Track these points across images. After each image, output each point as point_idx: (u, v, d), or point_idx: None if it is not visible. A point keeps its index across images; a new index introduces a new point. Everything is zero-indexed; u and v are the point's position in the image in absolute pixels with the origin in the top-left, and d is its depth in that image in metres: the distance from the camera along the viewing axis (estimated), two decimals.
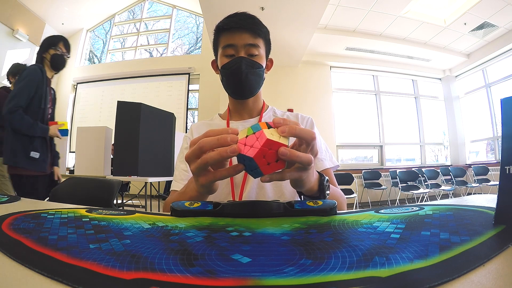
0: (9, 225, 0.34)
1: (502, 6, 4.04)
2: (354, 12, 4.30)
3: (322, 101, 5.23)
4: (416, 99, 6.00)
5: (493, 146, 5.35)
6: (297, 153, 0.35)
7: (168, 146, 3.04)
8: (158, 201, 4.26)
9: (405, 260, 0.21)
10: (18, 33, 5.64)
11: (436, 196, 4.85)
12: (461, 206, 0.41)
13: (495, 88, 5.22)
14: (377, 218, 0.36)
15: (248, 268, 0.21)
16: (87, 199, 1.13)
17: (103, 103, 6.51)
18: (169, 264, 0.21)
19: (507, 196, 0.30)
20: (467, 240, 0.25)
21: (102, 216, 0.40)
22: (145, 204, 2.86)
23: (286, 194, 0.68)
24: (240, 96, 0.74)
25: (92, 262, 0.22)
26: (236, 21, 0.68)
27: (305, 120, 0.79)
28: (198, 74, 6.09)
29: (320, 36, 4.62)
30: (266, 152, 0.34)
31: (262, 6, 3.43)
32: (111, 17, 7.24)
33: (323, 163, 0.71)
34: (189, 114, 6.09)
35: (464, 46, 5.25)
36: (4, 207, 0.49)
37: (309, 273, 0.20)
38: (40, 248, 0.25)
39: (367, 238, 0.27)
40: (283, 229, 0.32)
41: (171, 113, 3.14)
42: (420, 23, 4.58)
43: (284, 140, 0.35)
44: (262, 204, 0.41)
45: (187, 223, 0.35)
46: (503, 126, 0.30)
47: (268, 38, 0.74)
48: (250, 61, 0.68)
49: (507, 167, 0.29)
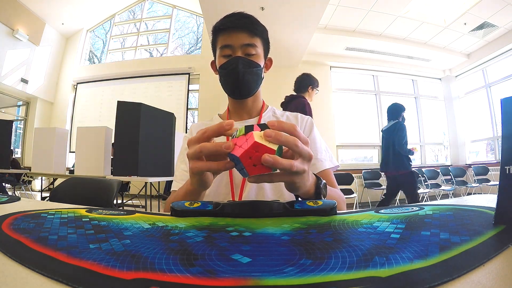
0: (9, 225, 0.34)
1: (502, 6, 4.04)
2: (354, 12, 4.30)
3: (322, 101, 5.23)
4: (416, 99, 6.00)
5: (493, 146, 5.35)
6: (279, 160, 0.35)
7: (168, 146, 3.04)
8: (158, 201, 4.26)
9: (405, 260, 0.21)
10: (18, 33, 5.65)
11: (436, 196, 4.85)
12: (461, 206, 0.41)
13: (495, 88, 5.22)
14: (377, 218, 0.36)
15: (248, 268, 0.21)
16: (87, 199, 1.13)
17: (103, 103, 6.51)
18: (169, 264, 0.21)
19: (507, 196, 0.30)
20: (467, 240, 0.25)
21: (102, 216, 0.40)
22: (145, 204, 2.86)
23: (285, 194, 0.68)
24: (238, 96, 0.74)
25: (92, 262, 0.22)
26: (233, 21, 0.68)
27: (304, 121, 0.79)
28: (198, 74, 6.08)
29: (320, 36, 4.62)
30: (253, 154, 0.34)
31: (262, 6, 3.43)
32: (111, 17, 7.24)
33: (323, 164, 0.71)
34: (189, 114, 6.10)
35: (464, 46, 5.25)
36: (4, 207, 0.49)
37: (309, 273, 0.20)
38: (40, 248, 0.25)
39: (367, 238, 0.27)
40: (283, 229, 0.32)
41: (171, 113, 3.14)
42: (420, 23, 4.59)
43: (273, 145, 0.35)
44: (262, 204, 0.41)
45: (187, 223, 0.35)
46: (503, 126, 0.30)
47: (266, 37, 0.74)
48: (247, 61, 0.68)
49: (507, 167, 0.29)
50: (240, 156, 0.34)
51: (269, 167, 0.35)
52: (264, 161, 0.34)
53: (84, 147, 3.06)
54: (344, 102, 5.59)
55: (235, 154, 0.35)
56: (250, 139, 0.35)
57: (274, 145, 0.35)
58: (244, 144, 0.35)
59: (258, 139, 0.35)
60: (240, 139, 0.36)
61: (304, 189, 0.43)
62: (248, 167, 0.35)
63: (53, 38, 6.75)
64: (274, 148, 0.35)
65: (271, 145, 0.35)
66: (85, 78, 6.81)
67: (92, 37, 7.47)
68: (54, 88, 6.91)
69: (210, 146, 0.38)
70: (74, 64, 6.96)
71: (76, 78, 6.87)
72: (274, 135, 0.35)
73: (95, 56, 7.42)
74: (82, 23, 7.06)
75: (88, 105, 6.69)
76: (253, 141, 0.34)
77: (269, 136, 0.35)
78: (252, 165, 0.35)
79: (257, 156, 0.34)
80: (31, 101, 6.64)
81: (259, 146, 0.34)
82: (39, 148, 3.05)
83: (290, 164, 0.36)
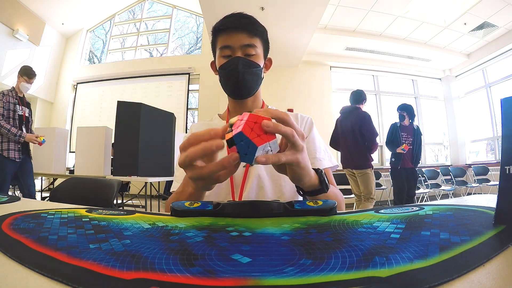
0: (9, 225, 0.34)
1: (502, 6, 4.04)
2: (354, 12, 4.30)
3: (322, 101, 5.23)
4: (416, 99, 6.00)
5: (493, 146, 5.35)
6: (280, 125, 0.36)
7: (168, 146, 3.04)
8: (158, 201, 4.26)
9: (405, 260, 0.21)
10: (18, 33, 5.64)
11: (436, 196, 4.85)
12: (461, 206, 0.41)
13: (495, 88, 5.22)
14: (377, 218, 0.36)
15: (248, 268, 0.21)
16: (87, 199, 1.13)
17: (103, 103, 6.51)
18: (169, 264, 0.21)
19: (507, 196, 0.30)
20: (467, 240, 0.25)
21: (102, 216, 0.40)
22: (145, 204, 2.86)
23: (286, 194, 0.68)
24: (238, 96, 0.74)
25: (92, 262, 0.22)
26: (232, 22, 0.68)
27: (304, 120, 0.79)
28: (198, 74, 6.08)
29: (320, 36, 4.62)
30: (253, 125, 0.35)
31: (262, 6, 3.43)
32: (111, 17, 7.24)
33: (322, 163, 0.71)
34: (189, 114, 6.09)
35: (464, 46, 5.25)
36: (4, 207, 0.49)
37: (309, 273, 0.20)
38: (40, 248, 0.25)
39: (367, 238, 0.27)
40: (283, 229, 0.32)
41: (171, 113, 3.14)
42: (420, 23, 4.59)
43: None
44: (262, 204, 0.41)
45: (187, 223, 0.35)
46: (503, 126, 0.30)
47: (265, 37, 0.74)
48: (247, 61, 0.68)
49: (507, 167, 0.29)
50: (242, 130, 0.34)
51: (273, 135, 0.36)
52: (265, 125, 0.35)
53: (84, 147, 3.06)
54: (344, 102, 5.58)
55: (236, 130, 0.34)
56: (245, 116, 0.36)
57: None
58: (242, 122, 0.35)
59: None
60: (235, 125, 0.36)
61: (308, 177, 0.44)
62: (253, 139, 0.35)
63: (53, 38, 6.75)
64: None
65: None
66: (85, 78, 6.80)
67: (92, 37, 7.47)
68: (54, 88, 6.91)
69: (197, 149, 0.36)
70: (74, 64, 6.96)
71: (76, 78, 6.86)
72: (272, 125, 0.35)
73: (95, 56, 7.42)
74: (82, 23, 7.06)
75: (88, 105, 6.68)
76: (249, 114, 0.35)
77: (268, 126, 0.35)
78: (257, 136, 0.35)
79: (258, 126, 0.35)
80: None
81: (257, 117, 0.35)
82: (39, 148, 3.05)
83: (290, 129, 0.37)
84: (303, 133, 0.41)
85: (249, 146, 0.34)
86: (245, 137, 0.34)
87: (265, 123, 0.35)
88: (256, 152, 0.35)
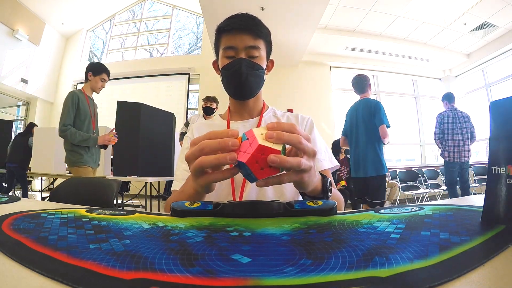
0: (9, 225, 0.34)
1: (502, 6, 4.04)
2: (354, 12, 4.31)
3: (322, 101, 5.23)
4: (416, 99, 6.00)
5: None
6: (287, 159, 0.35)
7: (168, 146, 3.04)
8: (158, 201, 4.26)
9: (405, 260, 0.21)
10: (18, 33, 5.64)
11: (436, 196, 4.85)
12: (461, 206, 0.41)
13: (495, 88, 5.22)
14: (377, 218, 0.36)
15: (248, 268, 0.21)
16: (87, 199, 1.13)
17: (103, 103, 6.50)
18: (169, 264, 0.21)
19: (493, 196, 0.31)
20: (467, 240, 0.25)
21: (102, 216, 0.40)
22: (145, 204, 2.86)
23: (286, 195, 0.68)
24: (241, 97, 0.74)
25: (92, 262, 0.22)
26: (237, 23, 0.68)
27: (305, 121, 0.79)
28: (198, 74, 6.08)
29: (320, 36, 4.62)
30: (259, 157, 0.34)
31: (262, 6, 3.43)
32: (111, 17, 7.24)
33: (322, 164, 0.71)
34: (189, 114, 6.09)
35: (464, 46, 5.25)
36: (4, 207, 0.49)
37: (309, 273, 0.20)
38: (40, 248, 0.25)
39: (367, 238, 0.27)
40: (283, 229, 0.32)
41: (171, 113, 3.13)
42: (420, 23, 4.59)
43: (277, 145, 0.35)
44: (262, 204, 0.41)
45: (187, 223, 0.35)
46: (491, 128, 0.31)
47: (269, 39, 0.74)
48: (250, 63, 0.68)
49: (494, 168, 0.30)
50: (246, 162, 0.34)
51: (277, 168, 0.35)
52: (270, 161, 0.33)
53: None
54: (344, 102, 5.58)
55: (241, 160, 0.34)
56: (254, 143, 0.34)
57: (278, 145, 0.35)
58: (249, 149, 0.34)
59: (261, 142, 0.34)
60: (243, 145, 0.35)
61: (312, 186, 0.43)
62: (256, 172, 0.35)
63: (53, 38, 6.74)
64: (279, 149, 0.35)
65: (275, 146, 0.35)
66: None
67: (92, 37, 7.47)
68: (54, 88, 6.91)
69: (212, 160, 0.36)
70: (74, 64, 6.95)
71: (76, 78, 6.85)
72: (276, 135, 0.35)
73: (95, 56, 7.41)
74: (82, 23, 7.06)
75: None
76: (258, 144, 0.34)
77: (271, 137, 0.35)
78: (260, 169, 0.35)
79: (263, 159, 0.34)
80: (31, 101, 6.63)
81: (265, 149, 0.34)
82: (39, 148, 3.05)
83: (298, 161, 0.36)
84: (314, 151, 0.40)
85: (251, 174, 0.35)
86: (249, 169, 0.34)
87: (271, 159, 0.33)
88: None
